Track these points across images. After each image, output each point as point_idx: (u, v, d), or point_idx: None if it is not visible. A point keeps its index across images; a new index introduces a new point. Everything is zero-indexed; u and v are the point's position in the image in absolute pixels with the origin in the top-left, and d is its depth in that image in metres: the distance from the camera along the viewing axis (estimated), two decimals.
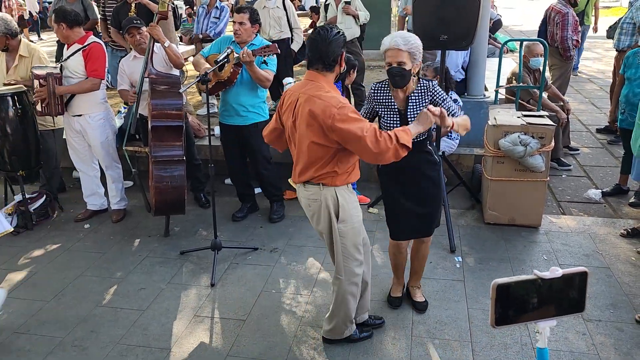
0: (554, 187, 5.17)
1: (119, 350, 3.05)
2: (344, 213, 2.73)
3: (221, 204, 4.73)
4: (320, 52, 2.59)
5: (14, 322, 3.33)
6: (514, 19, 18.63)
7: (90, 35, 4.44)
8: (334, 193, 2.71)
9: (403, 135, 2.55)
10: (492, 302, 1.36)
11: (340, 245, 2.77)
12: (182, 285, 3.68)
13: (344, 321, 2.96)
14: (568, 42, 6.19)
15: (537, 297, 1.42)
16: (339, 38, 2.61)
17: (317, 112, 2.53)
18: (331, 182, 2.69)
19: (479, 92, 5.58)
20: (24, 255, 4.17)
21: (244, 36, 4.09)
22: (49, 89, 4.20)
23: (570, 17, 6.19)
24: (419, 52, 2.83)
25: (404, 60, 2.80)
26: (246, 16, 4.07)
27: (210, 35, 6.60)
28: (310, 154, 2.66)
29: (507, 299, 1.37)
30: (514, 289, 1.38)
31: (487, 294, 3.47)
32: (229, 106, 4.27)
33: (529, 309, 1.43)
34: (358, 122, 2.51)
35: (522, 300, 1.41)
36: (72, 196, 5.20)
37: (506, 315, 1.40)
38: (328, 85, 2.64)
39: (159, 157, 4.04)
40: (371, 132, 2.49)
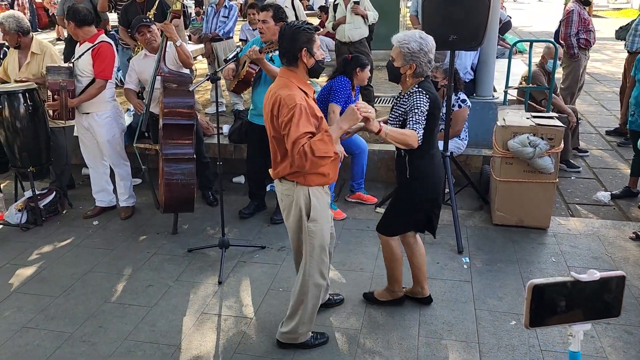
0: (562, 188, 5.15)
1: (127, 346, 3.07)
2: (315, 212, 2.73)
3: (229, 202, 4.74)
4: (282, 47, 2.64)
5: (23, 317, 3.35)
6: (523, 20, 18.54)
7: (100, 34, 4.47)
8: (307, 192, 2.72)
9: (319, 146, 2.51)
10: (527, 302, 1.35)
11: (308, 245, 2.78)
12: (189, 283, 3.70)
13: (302, 324, 2.91)
14: (571, 40, 6.17)
15: (573, 300, 1.39)
16: (298, 32, 2.60)
17: (275, 107, 2.59)
18: (304, 182, 2.70)
19: (488, 93, 5.57)
20: (34, 250, 4.20)
21: (267, 35, 4.04)
22: (62, 102, 4.26)
23: (574, 14, 6.17)
24: (411, 53, 2.80)
25: (394, 57, 2.90)
26: (270, 14, 4.04)
27: (219, 35, 6.62)
28: (274, 149, 2.72)
29: (542, 300, 1.35)
30: (550, 290, 1.36)
31: (494, 295, 3.46)
32: (254, 105, 4.32)
33: (564, 311, 1.40)
34: (296, 128, 2.50)
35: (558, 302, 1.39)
36: (81, 193, 5.23)
37: (541, 317, 1.38)
38: (297, 81, 2.65)
39: (170, 154, 4.05)
40: (297, 145, 2.50)
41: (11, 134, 4.44)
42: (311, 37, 2.62)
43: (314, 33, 2.64)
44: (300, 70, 2.67)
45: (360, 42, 6.67)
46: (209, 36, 6.72)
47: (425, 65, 2.86)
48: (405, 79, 2.92)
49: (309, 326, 2.95)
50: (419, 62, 2.83)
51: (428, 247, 4.05)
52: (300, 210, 2.73)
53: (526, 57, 6.32)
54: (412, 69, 2.85)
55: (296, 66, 2.66)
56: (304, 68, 2.67)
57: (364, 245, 4.12)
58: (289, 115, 2.51)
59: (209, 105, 6.97)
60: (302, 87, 2.64)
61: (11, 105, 4.37)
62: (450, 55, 4.21)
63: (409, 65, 2.84)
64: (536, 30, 15.80)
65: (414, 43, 2.80)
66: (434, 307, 3.35)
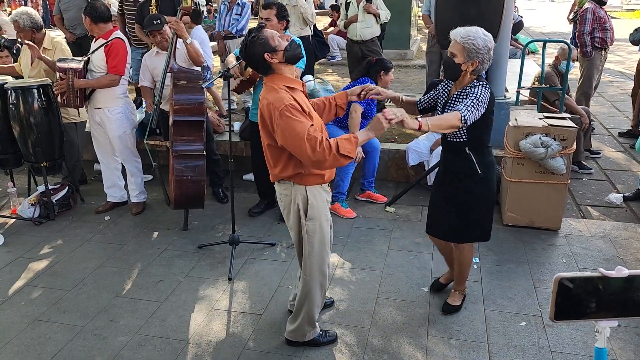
0: (574, 190, 5.11)
1: (138, 340, 3.09)
2: (312, 211, 2.73)
3: (239, 200, 4.76)
4: (252, 66, 2.66)
5: (36, 310, 3.39)
6: (536, 20, 18.42)
7: (115, 30, 4.50)
8: (304, 191, 2.72)
9: (345, 144, 2.50)
10: (553, 295, 1.34)
11: (307, 244, 2.78)
12: (199, 279, 3.72)
13: (307, 322, 2.93)
14: (584, 38, 6.14)
15: (600, 296, 1.38)
16: (250, 46, 2.58)
17: (265, 113, 2.57)
18: (300, 182, 2.70)
19: (499, 92, 5.52)
20: (46, 245, 4.24)
21: None
22: (68, 82, 4.27)
23: (589, 12, 6.13)
24: (476, 49, 2.75)
25: (455, 52, 2.81)
26: (273, 12, 4.06)
27: (232, 32, 6.64)
28: (270, 156, 2.71)
29: (569, 294, 1.35)
30: (577, 285, 1.35)
31: (504, 295, 3.45)
32: (257, 104, 4.29)
33: (590, 307, 1.39)
34: (300, 124, 2.47)
35: (584, 297, 1.38)
36: (93, 188, 5.28)
37: (566, 311, 1.37)
38: (281, 81, 2.61)
39: (180, 151, 4.08)
40: (312, 137, 2.46)
41: (25, 129, 4.49)
42: (262, 40, 2.57)
43: (259, 33, 2.59)
44: (278, 70, 2.63)
45: (371, 41, 6.68)
46: (221, 34, 6.75)
47: (486, 63, 2.83)
48: (465, 75, 2.87)
49: (313, 324, 2.97)
50: (482, 59, 2.79)
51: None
52: (298, 210, 2.73)
53: (538, 57, 6.29)
54: (475, 65, 2.81)
55: (273, 70, 2.63)
56: (279, 65, 2.61)
57: (373, 244, 4.12)
58: (285, 117, 2.48)
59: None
60: (288, 84, 2.61)
61: (25, 101, 4.42)
62: None
63: (472, 62, 2.80)
64: (549, 31, 15.70)
65: (479, 40, 2.75)
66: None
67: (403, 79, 8.79)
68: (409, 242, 4.14)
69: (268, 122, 2.58)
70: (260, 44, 2.57)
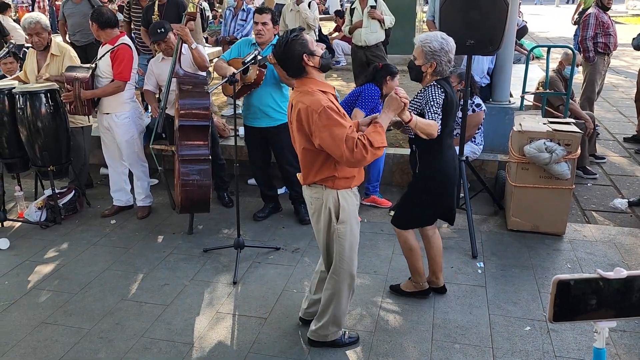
0: (579, 195, 5.11)
1: (143, 343, 3.11)
2: (344, 214, 2.76)
3: (244, 204, 4.78)
4: (285, 66, 2.67)
5: (42, 313, 3.42)
6: (541, 25, 18.43)
7: (122, 36, 4.53)
8: (335, 195, 2.74)
9: (376, 137, 2.56)
10: (552, 297, 1.36)
11: (338, 247, 2.81)
12: (205, 282, 3.74)
13: (333, 323, 2.96)
14: (586, 43, 6.16)
15: (598, 297, 1.40)
16: (289, 45, 2.60)
17: (302, 117, 2.59)
18: (332, 185, 2.73)
19: (504, 98, 5.55)
20: (52, 248, 4.27)
21: (266, 36, 4.13)
22: (75, 93, 4.32)
23: (591, 17, 6.15)
24: (432, 51, 2.96)
25: (416, 56, 3.05)
26: (268, 17, 4.13)
27: (237, 38, 6.69)
28: (304, 159, 2.73)
29: (567, 295, 1.36)
30: (575, 286, 1.37)
31: (509, 300, 3.45)
32: (254, 108, 4.31)
33: (589, 308, 1.41)
34: (338, 127, 2.51)
35: (582, 299, 1.39)
36: (99, 192, 5.31)
37: (565, 312, 1.39)
38: (315, 85, 2.65)
39: (185, 155, 4.11)
40: (350, 141, 2.50)
41: (32, 133, 4.53)
42: (302, 41, 2.61)
43: (301, 34, 2.64)
44: (312, 74, 2.67)
45: (376, 46, 6.70)
46: (227, 39, 6.80)
47: (445, 65, 3.01)
48: (426, 77, 3.07)
49: (339, 325, 3.00)
50: (440, 60, 2.99)
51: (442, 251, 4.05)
52: (329, 213, 2.75)
53: (543, 62, 6.30)
54: (433, 67, 3.01)
55: (306, 73, 2.66)
56: (313, 70, 2.66)
57: (378, 249, 4.13)
58: (324, 119, 2.51)
59: (225, 107, 7.03)
60: (321, 88, 2.66)
61: (33, 105, 4.47)
62: (467, 60, 4.21)
63: (430, 63, 3.00)
64: (553, 36, 15.70)
65: (435, 42, 2.96)
66: (448, 311, 3.36)
67: (407, 84, 8.79)
68: None
69: (305, 126, 2.59)
70: (300, 45, 2.61)
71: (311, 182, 2.76)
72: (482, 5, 3.81)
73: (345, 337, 3.06)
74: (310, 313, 3.14)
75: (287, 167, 4.44)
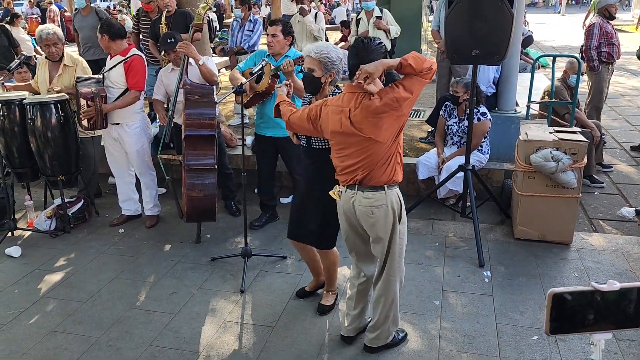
0: (585, 204, 5.10)
1: (152, 352, 3.13)
2: (403, 212, 2.83)
3: (251, 213, 4.80)
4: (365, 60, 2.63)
5: (52, 321, 3.45)
6: (546, 34, 18.45)
7: (132, 47, 4.60)
8: (395, 193, 2.78)
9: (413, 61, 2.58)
10: (548, 310, 1.37)
11: (398, 247, 2.84)
12: (212, 291, 3.76)
13: (393, 322, 3.02)
14: (590, 52, 6.18)
15: (594, 309, 1.41)
16: (380, 47, 2.68)
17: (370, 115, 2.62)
18: (396, 179, 2.77)
19: (510, 107, 5.57)
20: (62, 257, 4.31)
21: (276, 48, 4.16)
22: (97, 108, 4.36)
23: (596, 27, 6.18)
24: (332, 62, 2.93)
25: (313, 67, 2.96)
26: (279, 28, 4.16)
27: (244, 48, 6.75)
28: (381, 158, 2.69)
29: (563, 308, 1.38)
30: (571, 299, 1.38)
31: (516, 309, 3.45)
32: (266, 117, 4.34)
33: (585, 320, 1.42)
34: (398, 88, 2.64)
35: (579, 311, 1.41)
36: (107, 201, 5.35)
37: (561, 325, 1.40)
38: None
39: (192, 165, 4.14)
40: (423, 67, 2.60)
41: (42, 143, 4.58)
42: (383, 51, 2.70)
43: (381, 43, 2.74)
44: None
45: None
46: (234, 49, 6.86)
47: (340, 72, 3.04)
48: (325, 87, 3.03)
49: (397, 323, 3.07)
50: (337, 70, 2.99)
51: (449, 260, 4.07)
52: (393, 215, 2.78)
53: (548, 71, 6.31)
54: (332, 77, 3.00)
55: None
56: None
57: None
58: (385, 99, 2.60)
59: (232, 117, 7.08)
60: None
61: (43, 116, 4.52)
62: (472, 70, 4.24)
63: (330, 73, 2.98)
64: (559, 45, 15.72)
65: (333, 53, 2.95)
66: (455, 320, 3.36)
67: None
68: (419, 255, 4.16)
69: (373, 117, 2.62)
70: (381, 54, 2.67)
71: (385, 182, 2.72)
72: (487, 15, 3.84)
73: (398, 335, 3.13)
74: (353, 329, 3.15)
75: (297, 177, 4.49)
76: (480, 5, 3.84)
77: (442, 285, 3.74)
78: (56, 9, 16.53)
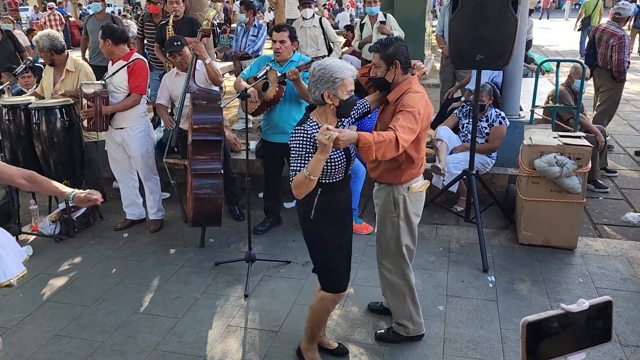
0: (590, 209, 5.09)
1: (156, 356, 3.13)
2: None
3: (255, 217, 4.81)
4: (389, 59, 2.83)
5: (56, 325, 3.45)
6: (550, 39, 18.44)
7: (134, 52, 4.63)
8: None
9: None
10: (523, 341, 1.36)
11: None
12: (216, 295, 3.76)
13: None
14: (623, 65, 6.15)
15: (567, 331, 1.40)
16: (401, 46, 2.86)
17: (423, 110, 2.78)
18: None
19: (514, 111, 5.56)
20: (66, 261, 4.32)
21: (284, 54, 4.17)
22: (96, 109, 4.38)
23: (626, 39, 6.16)
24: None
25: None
26: (286, 34, 4.17)
27: (248, 53, 6.77)
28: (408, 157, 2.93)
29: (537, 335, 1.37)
30: (543, 325, 1.37)
31: (521, 314, 3.44)
32: (274, 124, 4.34)
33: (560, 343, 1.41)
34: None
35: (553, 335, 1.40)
36: (112, 206, 5.36)
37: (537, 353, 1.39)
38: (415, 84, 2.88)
39: (198, 170, 4.15)
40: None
41: (47, 148, 4.61)
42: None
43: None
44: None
45: None
46: (238, 54, 6.88)
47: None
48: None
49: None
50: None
51: (453, 265, 4.06)
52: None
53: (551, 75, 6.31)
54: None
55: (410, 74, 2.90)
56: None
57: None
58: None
59: (236, 121, 7.10)
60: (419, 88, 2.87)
61: (48, 120, 4.55)
62: (476, 75, 4.24)
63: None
64: (563, 49, 15.70)
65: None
66: (459, 325, 3.35)
67: None
68: (423, 260, 4.15)
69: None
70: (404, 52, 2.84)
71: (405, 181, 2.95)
72: (491, 19, 3.84)
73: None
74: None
75: None
76: (484, 10, 3.84)
77: (446, 290, 3.74)
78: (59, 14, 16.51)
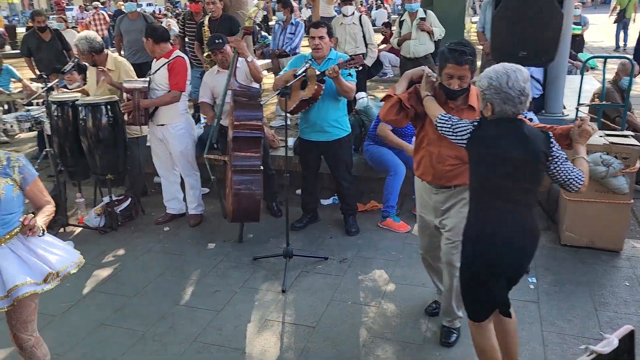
0: (638, 211, 4.91)
1: (196, 348, 3.20)
2: None
3: (293, 214, 4.82)
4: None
5: (101, 315, 3.57)
6: (595, 35, 17.87)
7: (175, 50, 4.72)
8: None
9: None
10: None
11: None
12: (254, 290, 3.81)
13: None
14: None
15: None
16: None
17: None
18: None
19: (557, 110, 5.42)
20: (110, 253, 4.45)
21: (324, 50, 4.17)
22: (134, 103, 4.52)
23: None
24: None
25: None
26: (324, 30, 4.17)
27: (286, 51, 6.81)
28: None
29: None
30: None
31: (563, 317, 3.36)
32: (311, 122, 4.35)
33: None
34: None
35: None
36: (153, 200, 5.49)
37: None
38: None
39: (239, 166, 4.20)
40: None
41: (93, 143, 4.74)
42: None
43: None
44: None
45: (425, 58, 6.68)
46: (276, 52, 6.93)
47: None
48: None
49: None
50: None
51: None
52: None
53: (597, 72, 6.11)
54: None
55: None
56: None
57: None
58: None
59: (274, 118, 7.16)
60: None
61: (94, 117, 4.68)
62: None
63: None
64: (608, 46, 15.21)
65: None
66: None
67: None
68: None
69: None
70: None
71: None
72: (536, 15, 3.76)
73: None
74: None
75: (341, 182, 4.51)
76: (528, 5, 3.76)
77: None
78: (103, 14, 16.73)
